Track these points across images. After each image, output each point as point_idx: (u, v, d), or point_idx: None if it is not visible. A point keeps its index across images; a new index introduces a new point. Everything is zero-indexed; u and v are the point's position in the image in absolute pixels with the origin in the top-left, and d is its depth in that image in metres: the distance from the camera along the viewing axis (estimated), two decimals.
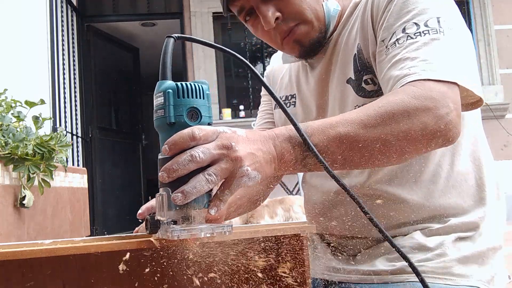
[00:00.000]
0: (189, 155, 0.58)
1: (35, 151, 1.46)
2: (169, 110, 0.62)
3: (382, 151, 0.70)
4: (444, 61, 0.76)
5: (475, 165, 0.92)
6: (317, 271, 0.98)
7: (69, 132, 4.59)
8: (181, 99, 0.62)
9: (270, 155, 0.65)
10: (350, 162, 0.71)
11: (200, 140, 0.60)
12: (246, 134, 0.64)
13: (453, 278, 0.83)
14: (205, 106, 0.64)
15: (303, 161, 0.68)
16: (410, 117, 0.69)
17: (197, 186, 0.58)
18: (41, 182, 1.53)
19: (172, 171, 0.59)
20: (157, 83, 0.64)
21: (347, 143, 0.68)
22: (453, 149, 0.90)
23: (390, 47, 0.82)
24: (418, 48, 0.78)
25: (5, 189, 1.38)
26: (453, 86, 0.74)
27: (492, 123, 5.10)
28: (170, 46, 0.66)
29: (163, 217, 0.61)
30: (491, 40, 5.41)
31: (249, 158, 0.61)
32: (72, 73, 4.85)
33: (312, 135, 0.67)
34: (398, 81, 0.77)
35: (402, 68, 0.77)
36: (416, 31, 0.80)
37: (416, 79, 0.74)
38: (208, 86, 0.65)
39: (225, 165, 0.60)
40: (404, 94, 0.72)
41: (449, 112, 0.71)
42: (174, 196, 0.58)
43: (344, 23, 0.96)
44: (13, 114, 1.54)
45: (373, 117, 0.69)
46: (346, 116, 0.71)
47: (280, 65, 1.15)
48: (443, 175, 0.89)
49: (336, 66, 0.95)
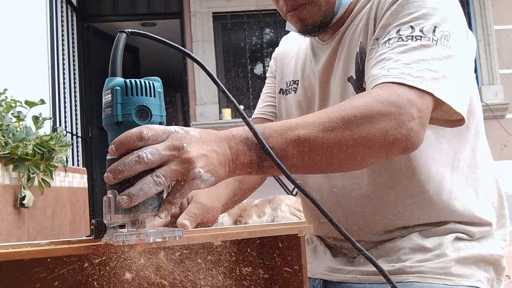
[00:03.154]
0: (136, 156, 0.55)
1: (35, 151, 1.46)
2: (117, 109, 0.58)
3: (342, 155, 0.68)
4: (425, 69, 0.74)
5: (477, 174, 0.92)
6: (316, 271, 0.98)
7: (69, 132, 4.59)
8: (129, 97, 0.59)
9: (224, 156, 0.62)
10: (310, 166, 0.69)
11: (149, 140, 0.57)
12: (200, 134, 0.62)
13: (452, 279, 0.83)
14: (156, 104, 0.61)
15: (260, 163, 0.65)
16: (371, 122, 0.67)
17: (144, 189, 0.55)
18: (41, 182, 1.53)
19: (117, 172, 0.55)
20: (106, 80, 0.61)
21: (306, 146, 0.66)
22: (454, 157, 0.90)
23: (381, 45, 0.81)
24: (405, 51, 0.76)
25: (5, 189, 1.38)
26: (425, 95, 0.72)
27: (492, 123, 5.10)
28: (122, 41, 0.63)
29: (109, 221, 0.57)
30: (491, 40, 5.41)
31: (201, 160, 0.59)
32: (72, 73, 4.85)
33: (270, 137, 0.65)
34: (373, 80, 0.76)
35: (382, 67, 0.76)
36: (409, 34, 0.78)
37: (389, 81, 0.73)
38: (161, 83, 0.62)
39: (176, 167, 0.57)
40: (369, 98, 0.70)
41: (411, 119, 0.69)
42: (119, 198, 0.55)
43: (353, 18, 0.94)
44: (13, 114, 1.54)
45: (334, 120, 0.67)
46: (308, 118, 0.69)
47: (289, 49, 1.14)
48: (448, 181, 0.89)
49: (340, 62, 0.94)
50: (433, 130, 0.87)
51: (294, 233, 0.72)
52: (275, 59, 1.19)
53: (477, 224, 0.89)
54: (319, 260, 1.00)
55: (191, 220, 0.83)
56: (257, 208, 3.06)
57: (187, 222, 0.81)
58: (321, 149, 0.66)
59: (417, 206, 0.88)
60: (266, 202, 3.08)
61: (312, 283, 0.98)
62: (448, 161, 0.89)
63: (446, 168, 0.89)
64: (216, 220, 0.96)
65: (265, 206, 3.08)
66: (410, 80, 0.72)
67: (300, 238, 0.72)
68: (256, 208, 3.06)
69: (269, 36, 5.52)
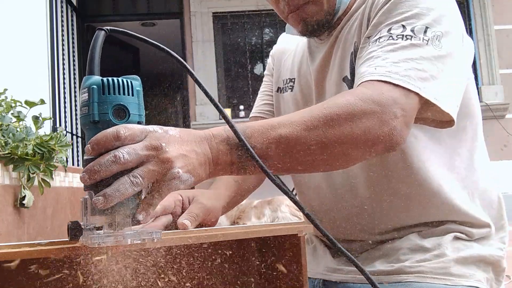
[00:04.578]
0: (112, 156, 0.54)
1: (35, 151, 1.46)
2: (93, 108, 0.57)
3: (324, 154, 0.67)
4: (413, 69, 0.73)
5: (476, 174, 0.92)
6: (316, 271, 0.99)
7: (69, 132, 4.59)
8: (106, 95, 0.57)
9: (204, 156, 0.61)
10: (292, 165, 0.67)
11: (126, 140, 0.56)
12: (180, 134, 0.60)
13: (452, 278, 0.83)
14: (135, 103, 0.59)
15: (241, 163, 0.64)
16: (353, 120, 0.67)
17: (121, 189, 0.54)
18: (41, 182, 1.53)
19: (93, 173, 0.54)
20: (83, 78, 0.60)
21: (288, 145, 0.65)
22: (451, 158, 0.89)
23: (371, 44, 0.80)
24: (394, 50, 0.76)
25: (5, 189, 1.38)
26: (411, 95, 0.72)
27: (492, 123, 5.10)
28: (100, 39, 0.61)
29: (86, 222, 0.56)
30: (491, 40, 5.40)
31: (180, 160, 0.58)
32: (72, 73, 4.85)
33: (251, 136, 0.64)
34: (360, 78, 0.75)
35: (369, 65, 0.76)
36: (400, 33, 0.77)
37: (375, 79, 0.72)
38: (139, 82, 0.61)
39: (153, 167, 0.56)
40: (352, 96, 0.69)
41: (393, 118, 0.69)
42: (95, 199, 0.54)
43: (349, 17, 0.94)
44: (13, 114, 1.54)
45: (316, 119, 0.66)
46: (290, 116, 0.68)
47: (287, 47, 1.14)
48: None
49: (335, 62, 0.94)
50: (427, 131, 0.87)
51: (294, 233, 0.72)
52: (272, 57, 1.18)
53: (475, 226, 0.89)
54: (318, 260, 1.00)
55: (191, 220, 0.83)
56: (256, 210, 3.05)
57: (188, 222, 0.81)
58: (304, 148, 0.66)
59: (415, 207, 0.88)
60: (265, 203, 3.07)
61: (312, 283, 0.98)
62: (445, 163, 0.89)
63: (443, 169, 0.88)
64: (217, 221, 0.96)
65: (264, 207, 3.07)
66: (396, 78, 0.72)
67: (300, 238, 0.72)
68: (255, 209, 3.05)
69: (269, 36, 5.52)
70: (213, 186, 1.05)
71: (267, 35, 5.54)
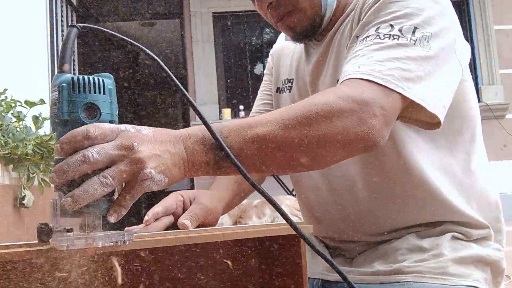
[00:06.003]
0: (81, 155, 0.53)
1: (35, 151, 1.46)
2: (63, 106, 0.56)
3: (302, 153, 0.66)
4: (398, 68, 0.72)
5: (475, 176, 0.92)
6: (315, 271, 0.99)
7: None
8: (76, 94, 0.56)
9: (178, 157, 0.60)
10: (270, 165, 0.66)
11: (96, 139, 0.54)
12: (153, 133, 0.59)
13: (450, 278, 0.83)
14: (106, 102, 0.58)
15: (217, 164, 0.63)
16: (332, 119, 0.66)
17: (90, 190, 0.52)
18: (41, 182, 1.53)
19: (62, 173, 0.52)
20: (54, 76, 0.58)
21: (265, 144, 0.63)
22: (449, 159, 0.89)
23: (358, 43, 0.80)
24: (379, 49, 0.75)
25: (5, 189, 1.39)
26: (393, 94, 0.71)
27: (492, 123, 5.10)
28: (72, 36, 0.60)
29: (56, 224, 0.54)
30: (491, 40, 5.40)
31: (153, 160, 0.56)
32: (72, 73, 4.84)
33: (227, 136, 0.62)
34: (343, 76, 0.75)
35: (354, 64, 0.75)
36: (387, 33, 0.77)
37: (357, 77, 0.71)
38: (112, 80, 0.59)
39: (125, 167, 0.54)
40: (332, 94, 0.69)
41: (373, 117, 0.67)
42: (63, 200, 0.52)
43: (342, 20, 0.94)
44: (13, 114, 1.55)
45: (294, 118, 0.65)
46: (268, 115, 0.67)
47: (286, 46, 1.14)
48: None
49: (330, 64, 0.94)
50: (421, 134, 0.87)
51: (293, 233, 0.72)
52: (272, 56, 1.19)
53: (473, 226, 0.89)
54: (317, 260, 1.01)
55: (192, 220, 0.83)
56: (256, 209, 3.06)
57: (188, 222, 0.82)
58: (281, 147, 0.64)
59: (413, 208, 0.88)
60: (266, 203, 3.08)
61: (311, 283, 0.98)
62: (441, 165, 0.89)
63: (439, 171, 0.88)
64: (217, 221, 0.96)
65: (264, 207, 3.08)
66: (378, 77, 0.71)
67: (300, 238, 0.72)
68: (255, 209, 3.06)
69: (269, 36, 5.52)
70: (213, 187, 1.05)
71: (267, 35, 5.54)
